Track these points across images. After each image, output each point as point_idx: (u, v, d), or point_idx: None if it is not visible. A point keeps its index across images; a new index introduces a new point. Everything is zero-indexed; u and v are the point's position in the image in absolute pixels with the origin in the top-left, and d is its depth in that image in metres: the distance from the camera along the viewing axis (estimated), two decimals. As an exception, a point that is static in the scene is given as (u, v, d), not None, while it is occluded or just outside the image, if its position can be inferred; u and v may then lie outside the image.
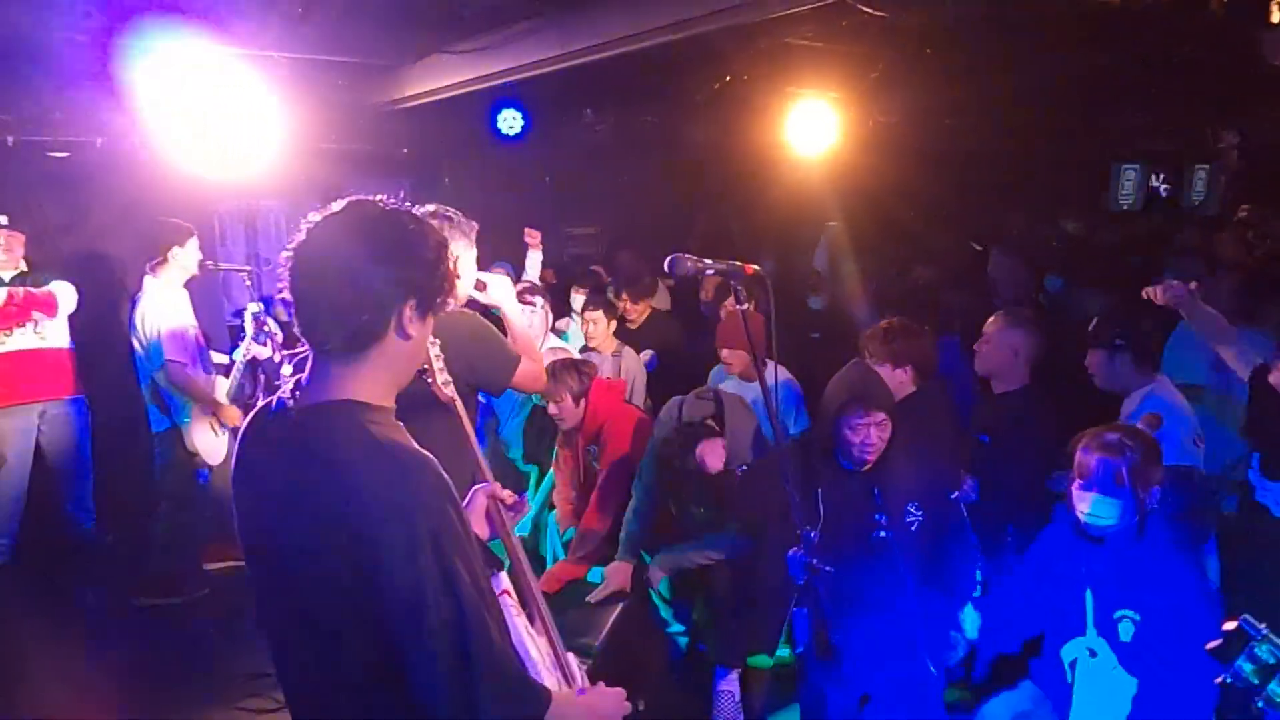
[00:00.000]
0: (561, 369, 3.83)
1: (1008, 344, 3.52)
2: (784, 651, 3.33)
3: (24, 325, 5.06)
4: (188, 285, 5.19)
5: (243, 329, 5.52)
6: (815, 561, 2.22)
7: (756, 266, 2.15)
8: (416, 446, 1.47)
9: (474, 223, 2.94)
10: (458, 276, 1.56)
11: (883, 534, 2.87)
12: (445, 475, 1.46)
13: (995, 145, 9.24)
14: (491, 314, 3.04)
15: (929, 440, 3.10)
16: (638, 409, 4.07)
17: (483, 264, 5.65)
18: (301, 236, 1.48)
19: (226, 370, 5.14)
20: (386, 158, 7.10)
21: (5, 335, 5.01)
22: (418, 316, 1.49)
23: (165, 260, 4.83)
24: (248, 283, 5.19)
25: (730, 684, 3.52)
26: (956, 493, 3.06)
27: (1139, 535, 2.42)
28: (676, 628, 3.78)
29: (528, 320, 3.81)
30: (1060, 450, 2.66)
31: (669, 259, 2.00)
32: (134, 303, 4.93)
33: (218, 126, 4.44)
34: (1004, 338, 3.53)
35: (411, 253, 1.47)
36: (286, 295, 1.50)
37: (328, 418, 1.46)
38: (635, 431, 3.85)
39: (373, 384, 1.49)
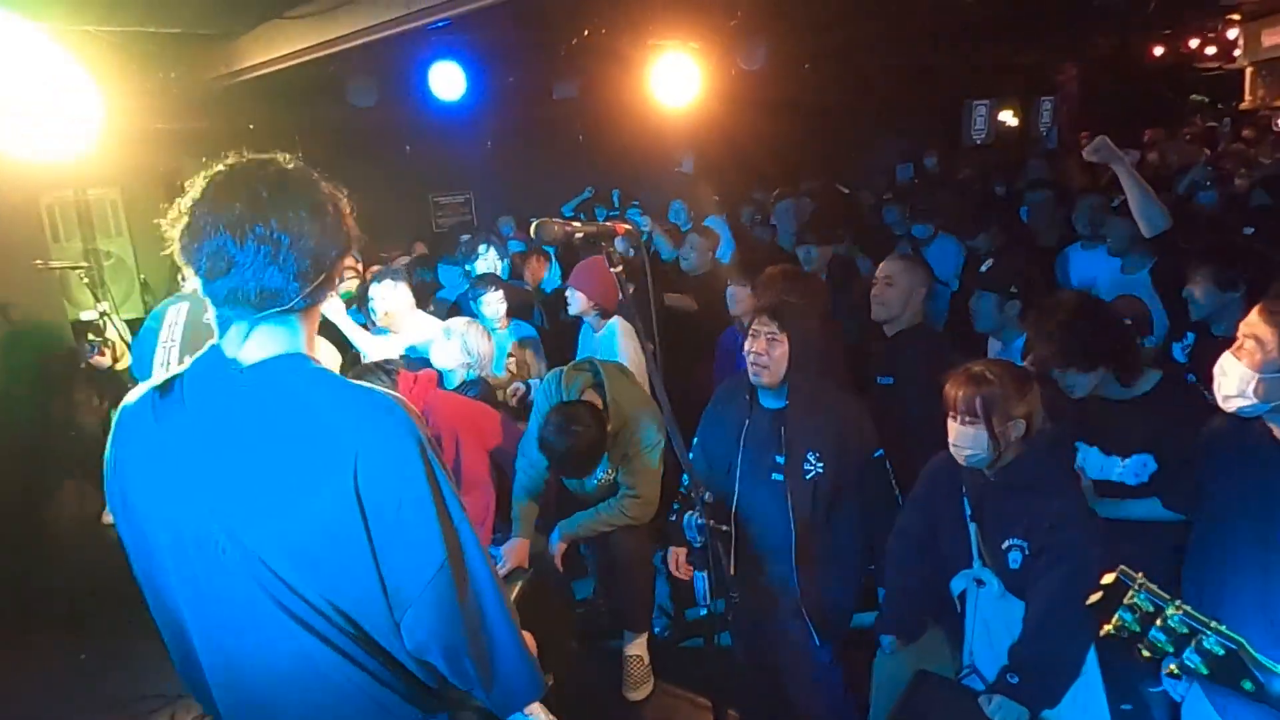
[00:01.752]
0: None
1: (911, 286, 3.43)
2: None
3: None
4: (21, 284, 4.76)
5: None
6: (711, 523, 2.18)
7: (628, 225, 2.07)
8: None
9: None
10: None
11: (777, 477, 2.88)
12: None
13: (855, 89, 9.42)
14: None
15: (833, 388, 2.98)
16: (451, 393, 3.87)
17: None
18: (220, 193, 1.36)
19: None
20: (229, 135, 6.61)
21: None
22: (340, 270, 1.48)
23: None
24: (85, 280, 4.79)
25: (639, 648, 3.50)
26: (879, 451, 2.87)
27: (1011, 465, 2.48)
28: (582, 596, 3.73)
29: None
30: None
31: (535, 224, 1.90)
32: None
33: (34, 111, 4.02)
34: (909, 280, 3.44)
35: (341, 206, 1.45)
36: (189, 254, 1.36)
37: (287, 369, 1.39)
38: (461, 410, 3.64)
39: (309, 342, 1.46)
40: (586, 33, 5.87)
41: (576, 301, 4.20)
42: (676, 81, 6.34)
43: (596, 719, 3.43)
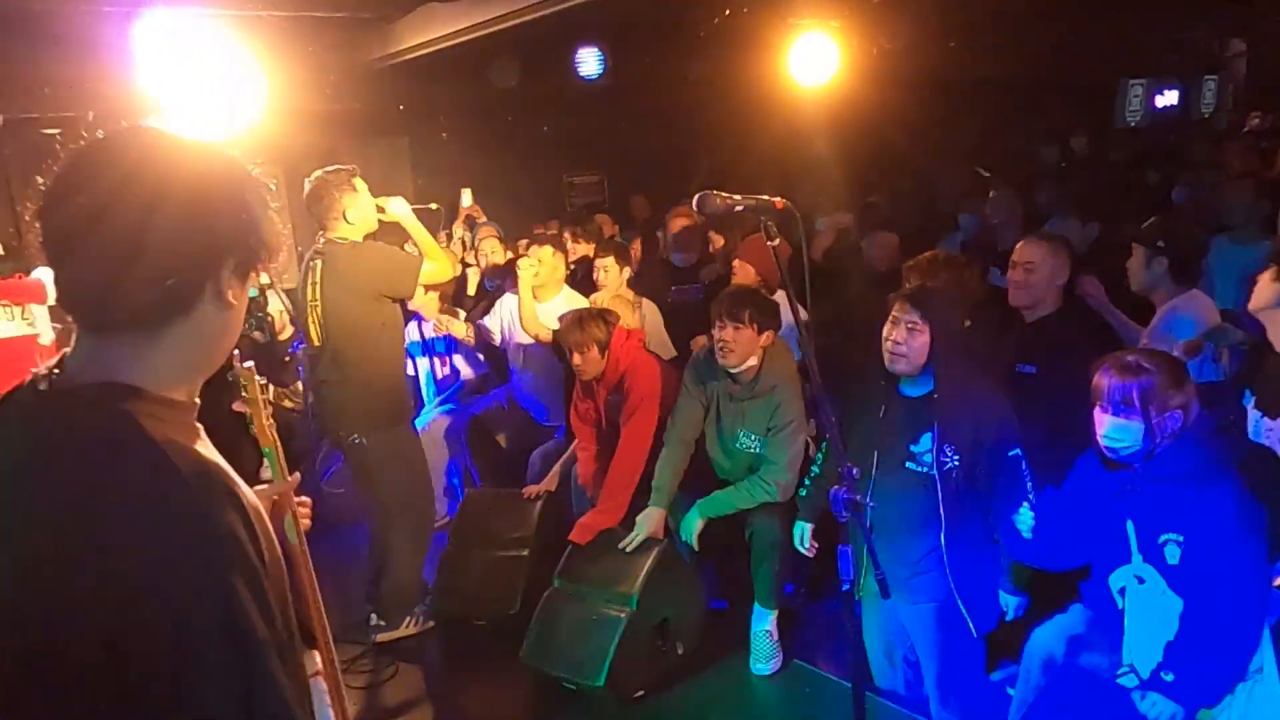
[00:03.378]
0: (588, 318, 3.79)
1: (1051, 270, 3.30)
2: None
3: (13, 310, 5.06)
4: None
5: None
6: (858, 498, 2.19)
7: (785, 200, 2.09)
8: (205, 454, 1.07)
9: (352, 166, 3.70)
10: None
11: (911, 466, 2.88)
12: (240, 491, 1.06)
13: (1000, 66, 9.05)
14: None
15: (977, 381, 2.89)
16: (657, 357, 4.04)
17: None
18: (67, 172, 1.05)
19: None
20: (382, 116, 6.99)
21: None
22: (237, 279, 1.11)
23: None
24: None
25: (769, 623, 3.53)
26: (1016, 450, 2.78)
27: (1164, 458, 2.38)
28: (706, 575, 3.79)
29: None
30: None
31: (697, 196, 1.95)
32: None
33: (208, 93, 4.33)
34: (1049, 266, 3.31)
35: (234, 197, 1.10)
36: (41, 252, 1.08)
37: (85, 407, 1.02)
38: (658, 379, 3.82)
39: (166, 369, 1.08)
40: (728, 12, 5.87)
41: (744, 274, 4.28)
42: (814, 62, 6.26)
43: (724, 691, 3.48)
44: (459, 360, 5.25)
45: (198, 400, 1.15)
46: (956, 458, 2.80)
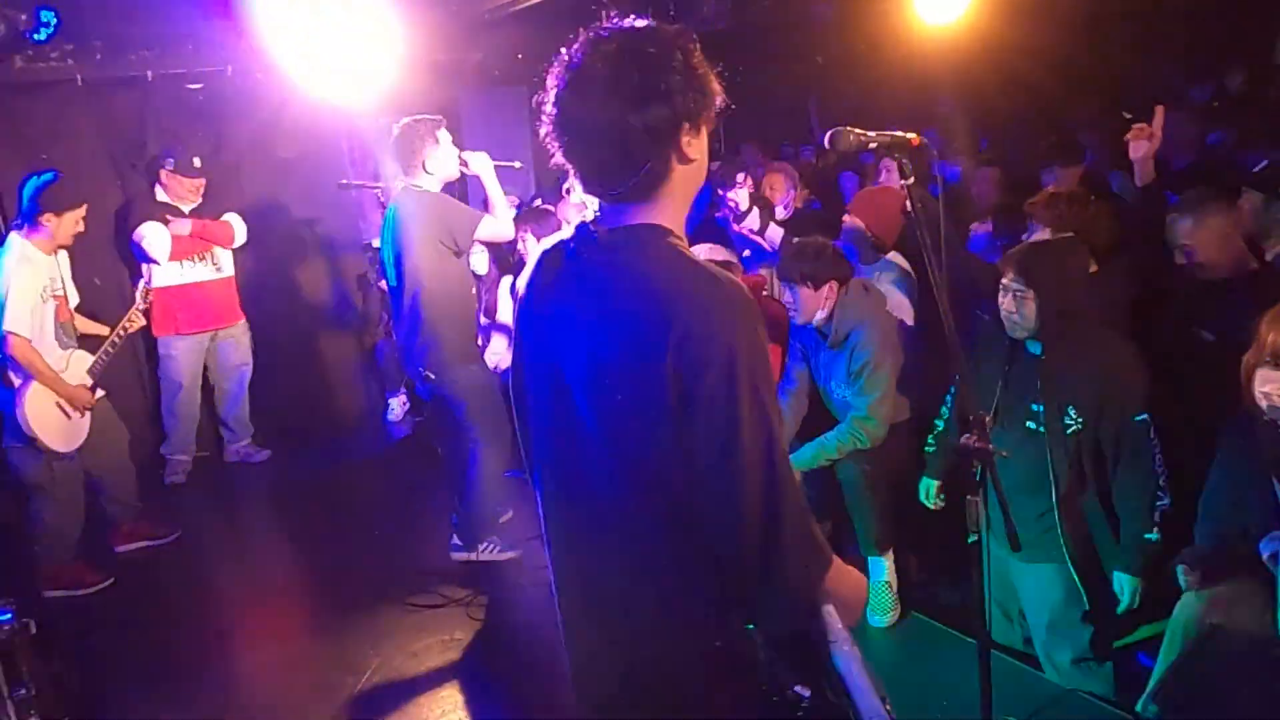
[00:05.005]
0: None
1: (1221, 228, 2.94)
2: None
3: (204, 256, 5.41)
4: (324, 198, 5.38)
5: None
6: (990, 447, 2.13)
7: (919, 137, 2.01)
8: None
9: (439, 117, 3.95)
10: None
11: (1031, 425, 2.84)
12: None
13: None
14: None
15: (1104, 339, 2.83)
16: (780, 304, 3.99)
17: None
18: (557, 91, 1.42)
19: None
20: (501, 66, 7.04)
21: (189, 264, 5.34)
22: (694, 137, 1.42)
23: (38, 225, 4.17)
24: (381, 199, 5.29)
25: (886, 575, 3.49)
26: (1143, 415, 2.71)
27: None
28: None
29: None
30: None
31: (829, 132, 1.90)
32: None
33: (337, 47, 4.43)
34: (1218, 223, 2.94)
35: (666, 79, 1.37)
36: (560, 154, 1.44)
37: (638, 238, 1.42)
38: (778, 327, 3.79)
39: (669, 213, 1.45)
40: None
41: (852, 228, 4.13)
42: (943, -3, 5.93)
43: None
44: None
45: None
46: (1080, 421, 2.76)
